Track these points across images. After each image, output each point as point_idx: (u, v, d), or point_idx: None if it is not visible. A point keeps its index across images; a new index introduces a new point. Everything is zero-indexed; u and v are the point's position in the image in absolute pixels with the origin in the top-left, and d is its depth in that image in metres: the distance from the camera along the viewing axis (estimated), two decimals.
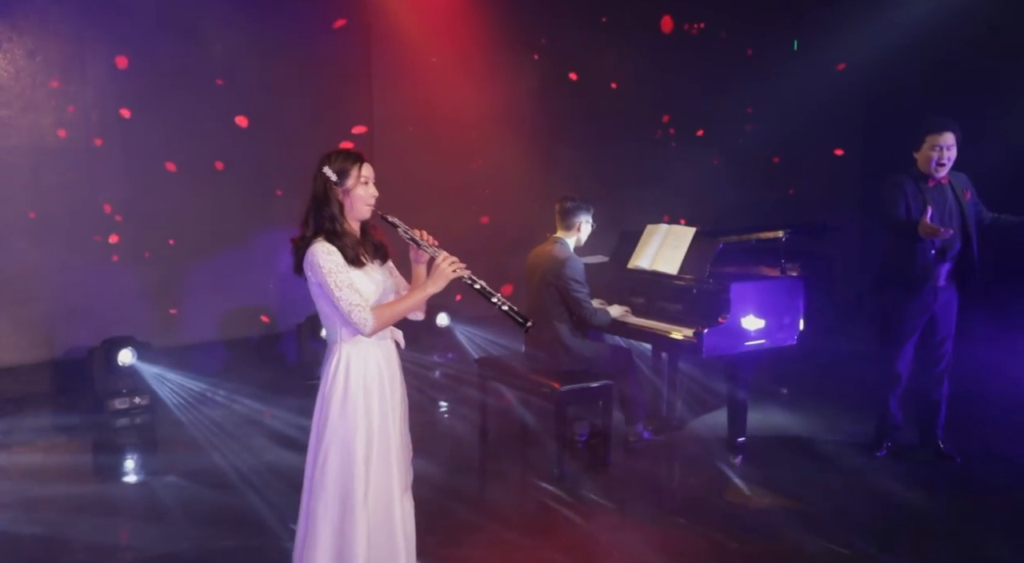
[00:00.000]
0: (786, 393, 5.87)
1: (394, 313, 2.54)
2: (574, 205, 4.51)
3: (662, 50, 7.93)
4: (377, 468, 2.53)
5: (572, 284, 4.35)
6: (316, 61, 6.89)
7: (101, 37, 5.94)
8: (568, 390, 4.23)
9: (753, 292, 4.33)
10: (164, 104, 6.18)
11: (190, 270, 6.34)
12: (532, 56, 7.78)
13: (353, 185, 2.54)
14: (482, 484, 4.45)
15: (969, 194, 4.29)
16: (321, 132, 6.86)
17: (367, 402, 2.52)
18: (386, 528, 2.54)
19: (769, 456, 4.60)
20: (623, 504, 4.00)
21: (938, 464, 4.47)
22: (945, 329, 4.37)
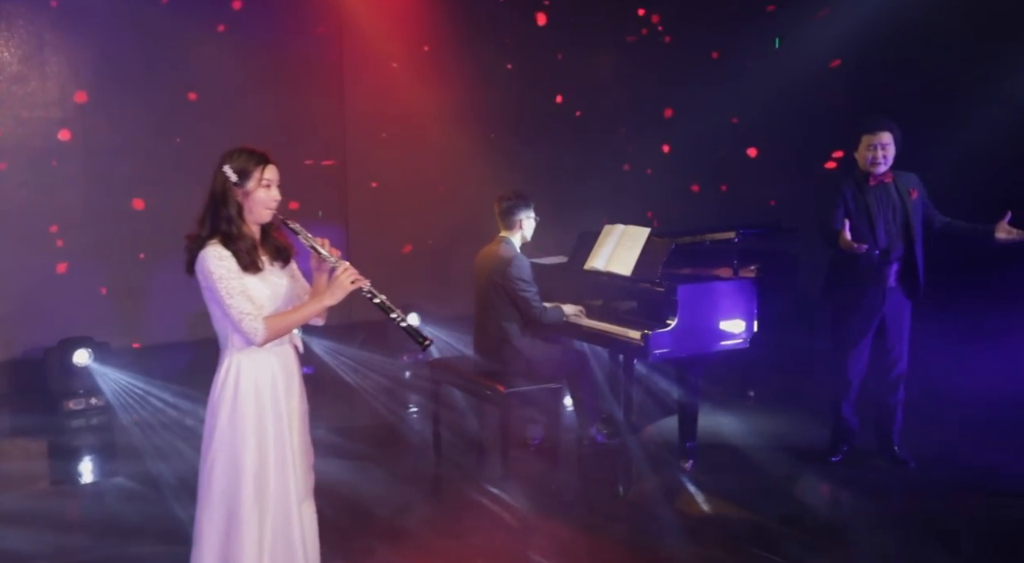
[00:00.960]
0: (753, 396, 5.80)
1: (287, 323, 2.46)
2: (510, 204, 4.45)
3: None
4: (275, 477, 2.46)
5: (519, 283, 4.29)
6: (288, 65, 6.89)
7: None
8: (512, 393, 4.17)
9: (701, 294, 4.25)
10: (126, 100, 6.17)
11: (154, 270, 6.31)
12: (502, 60, 7.76)
13: (254, 187, 2.45)
14: (422, 488, 4.34)
15: (916, 194, 4.22)
16: (293, 135, 6.88)
17: (259, 410, 2.45)
18: (285, 537, 2.48)
19: (721, 461, 4.53)
20: (560, 508, 3.92)
21: (892, 469, 4.39)
22: (896, 333, 4.29)
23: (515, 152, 7.71)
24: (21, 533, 3.65)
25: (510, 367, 4.34)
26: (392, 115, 7.37)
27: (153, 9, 6.18)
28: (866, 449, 4.58)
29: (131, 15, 6.13)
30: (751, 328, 4.37)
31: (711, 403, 5.61)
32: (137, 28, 6.17)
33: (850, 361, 4.37)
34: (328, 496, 3.95)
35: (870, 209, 4.19)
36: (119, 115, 6.14)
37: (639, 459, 4.58)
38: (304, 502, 2.58)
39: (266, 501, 2.45)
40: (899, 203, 4.20)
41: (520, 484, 4.17)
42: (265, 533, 2.44)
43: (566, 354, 4.54)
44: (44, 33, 5.88)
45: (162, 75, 6.31)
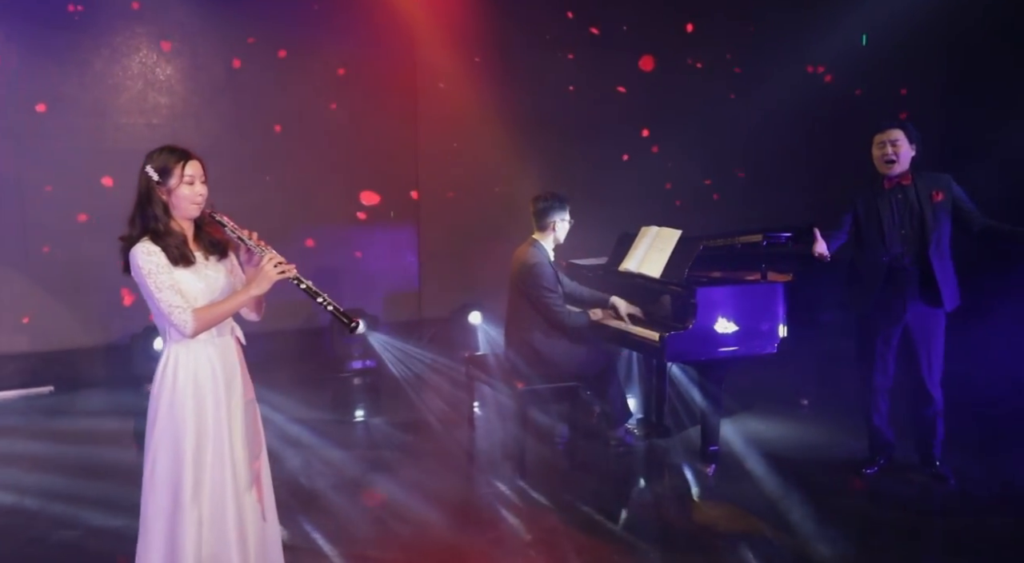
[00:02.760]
0: (806, 405, 5.65)
1: (215, 315, 2.50)
2: (546, 205, 4.52)
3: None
4: (212, 467, 2.51)
5: (541, 290, 4.36)
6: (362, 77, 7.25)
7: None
8: (528, 390, 4.26)
9: (722, 297, 4.19)
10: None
11: None
12: (567, 56, 7.81)
13: (176, 184, 2.50)
14: (440, 482, 4.33)
15: (940, 196, 4.01)
16: (364, 135, 7.25)
17: (198, 401, 2.50)
18: (219, 526, 2.51)
19: (749, 468, 4.44)
20: (566, 508, 3.95)
21: (930, 485, 4.18)
22: (923, 342, 4.09)
23: (583, 157, 7.76)
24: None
25: (534, 367, 4.42)
26: (460, 120, 7.56)
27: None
28: (908, 462, 4.39)
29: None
30: (777, 334, 4.27)
31: (760, 411, 5.55)
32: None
33: (874, 371, 4.21)
34: (343, 486, 4.26)
35: (881, 214, 4.05)
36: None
37: (663, 462, 4.56)
38: (247, 493, 2.61)
39: (202, 490, 2.49)
40: (917, 207, 4.02)
41: (536, 481, 4.25)
42: (203, 522, 2.49)
43: (592, 354, 4.56)
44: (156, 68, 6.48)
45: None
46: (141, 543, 2.51)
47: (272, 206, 6.93)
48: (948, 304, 4.03)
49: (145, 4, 6.39)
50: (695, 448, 4.59)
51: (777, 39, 7.76)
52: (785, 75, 7.53)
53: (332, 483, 4.25)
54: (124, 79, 6.41)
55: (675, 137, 7.94)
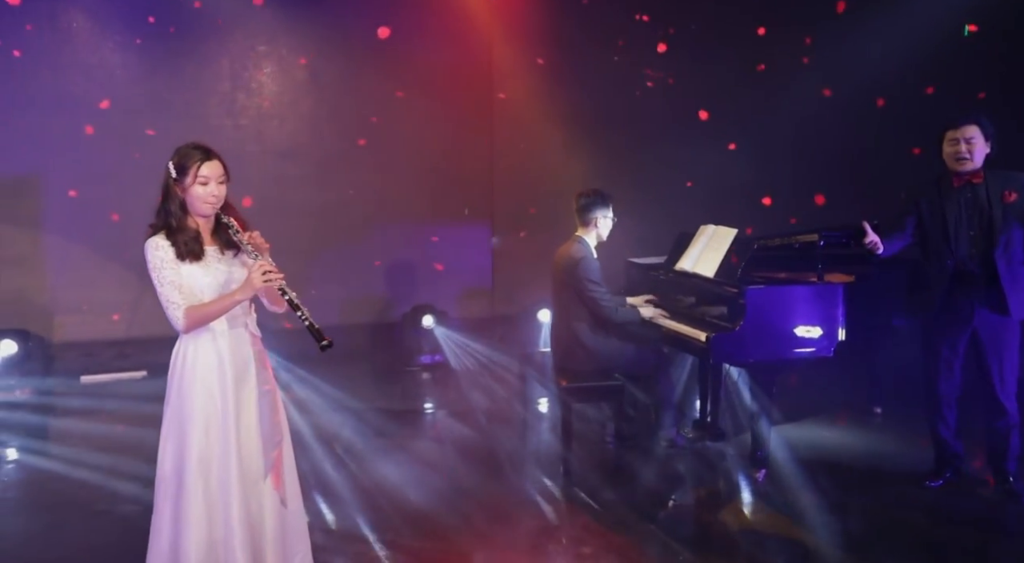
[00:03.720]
0: (880, 413, 5.38)
1: (204, 314, 2.56)
2: (588, 201, 4.49)
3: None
4: (218, 457, 2.57)
5: (586, 284, 4.34)
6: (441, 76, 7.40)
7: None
8: (572, 387, 4.24)
9: (773, 298, 4.05)
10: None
11: (314, 260, 7.08)
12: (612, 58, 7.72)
13: (190, 183, 2.58)
14: (481, 477, 4.34)
15: (1014, 196, 3.72)
16: (440, 134, 7.40)
17: (206, 393, 2.58)
18: (224, 514, 2.57)
19: (803, 476, 4.27)
20: (604, 507, 3.91)
21: (1000, 502, 3.91)
22: (993, 350, 3.83)
23: (655, 157, 7.64)
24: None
25: (581, 364, 4.40)
26: (534, 120, 7.59)
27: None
28: (980, 477, 4.13)
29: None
30: (834, 337, 4.09)
31: (829, 417, 5.35)
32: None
33: (939, 378, 3.98)
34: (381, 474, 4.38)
35: (946, 215, 3.81)
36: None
37: (712, 465, 4.44)
38: (260, 481, 2.67)
39: (208, 478, 2.56)
40: (986, 207, 3.76)
41: (579, 479, 4.23)
42: (207, 509, 2.56)
43: (642, 352, 4.50)
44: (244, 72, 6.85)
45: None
46: (153, 527, 2.64)
47: (350, 203, 7.18)
48: (1016, 312, 3.76)
49: (229, 13, 6.72)
50: (750, 453, 4.45)
51: (854, 36, 7.36)
52: (866, 72, 7.16)
53: (372, 470, 4.38)
54: (214, 82, 6.76)
55: (757, 138, 7.68)
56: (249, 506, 2.64)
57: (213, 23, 6.68)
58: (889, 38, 7.00)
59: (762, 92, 7.51)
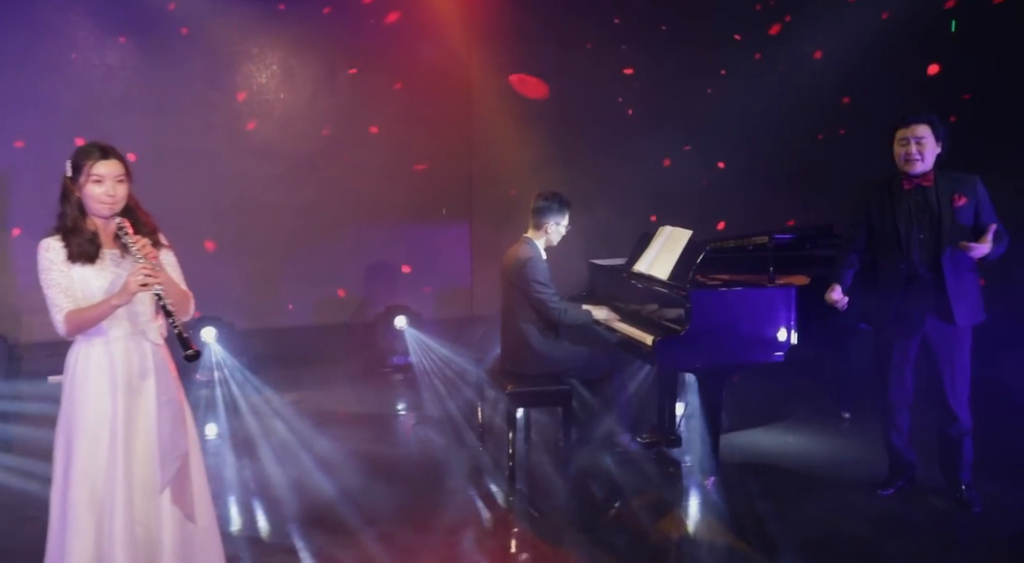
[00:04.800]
0: (848, 418, 5.28)
1: (84, 319, 2.48)
2: (544, 205, 4.41)
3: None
4: (105, 469, 2.50)
5: (534, 285, 4.27)
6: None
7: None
8: (517, 392, 4.18)
9: (721, 301, 3.97)
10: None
11: (289, 260, 7.06)
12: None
13: (84, 182, 2.51)
14: (426, 483, 4.27)
15: (963, 200, 3.61)
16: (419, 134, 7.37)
17: (96, 401, 2.52)
18: (108, 527, 2.50)
19: (755, 483, 4.18)
20: (544, 514, 3.85)
21: (951, 513, 3.81)
22: (943, 356, 3.73)
23: (635, 156, 7.56)
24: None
25: (529, 368, 4.33)
26: (515, 119, 7.52)
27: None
28: (934, 486, 4.02)
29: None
30: (785, 341, 4.00)
31: (796, 422, 5.28)
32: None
33: (890, 385, 3.88)
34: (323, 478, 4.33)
35: (897, 218, 3.70)
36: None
37: (663, 472, 4.36)
38: (156, 496, 2.59)
39: (95, 494, 2.49)
40: (936, 210, 3.65)
41: (524, 486, 4.17)
42: (92, 521, 2.50)
43: (595, 357, 4.43)
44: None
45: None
46: (48, 536, 2.58)
47: (326, 203, 7.15)
48: (961, 319, 3.65)
49: (204, 12, 6.70)
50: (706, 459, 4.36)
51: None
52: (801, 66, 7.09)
53: (311, 475, 4.34)
54: (188, 82, 6.75)
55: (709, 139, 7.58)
56: (145, 520, 2.56)
57: (187, 22, 6.66)
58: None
59: (731, 94, 7.45)
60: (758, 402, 5.61)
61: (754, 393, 5.67)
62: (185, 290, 2.77)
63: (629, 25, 7.60)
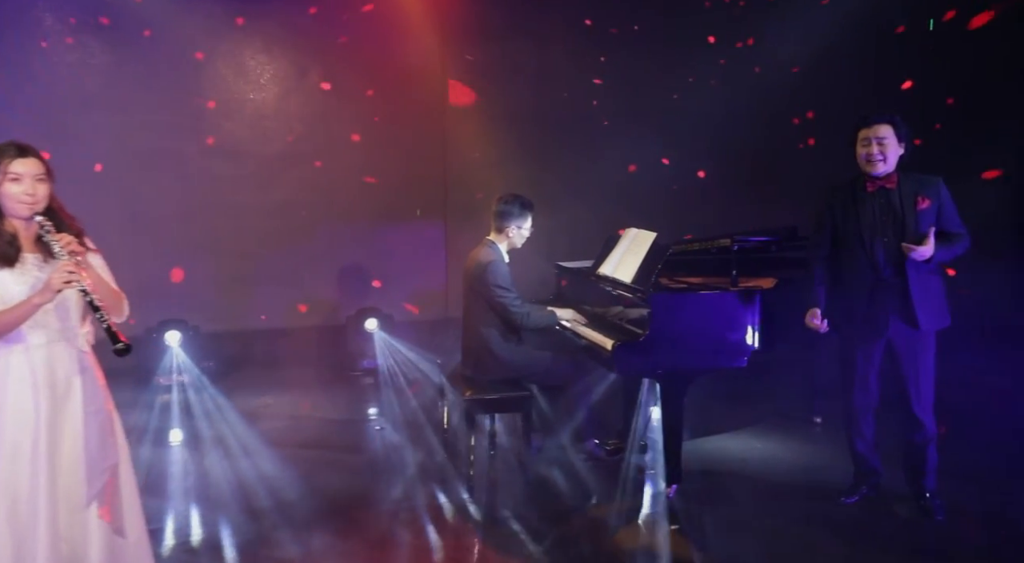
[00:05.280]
0: (820, 422, 5.21)
1: (3, 322, 2.38)
2: (505, 209, 4.32)
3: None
4: (28, 484, 2.40)
5: (494, 289, 4.18)
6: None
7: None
8: (476, 399, 4.09)
9: (681, 305, 3.87)
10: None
11: (260, 261, 6.96)
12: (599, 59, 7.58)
13: (0, 181, 2.43)
14: (380, 491, 4.18)
15: (927, 203, 3.54)
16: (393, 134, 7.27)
17: (16, 412, 2.41)
18: (30, 543, 2.39)
19: (718, 491, 4.12)
20: (498, 523, 3.76)
21: (915, 521, 3.73)
22: (907, 362, 3.66)
23: (607, 158, 7.49)
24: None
25: (491, 374, 4.24)
26: (489, 119, 7.44)
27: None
28: (899, 493, 3.94)
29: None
30: (748, 346, 3.91)
31: (766, 426, 5.21)
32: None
33: (854, 391, 3.81)
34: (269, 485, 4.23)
35: (861, 221, 3.63)
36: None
37: (626, 480, 4.26)
38: (83, 509, 2.49)
39: (17, 509, 2.39)
40: (899, 213, 3.58)
41: (481, 495, 4.08)
42: (19, 542, 2.39)
43: (558, 361, 4.34)
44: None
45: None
46: None
47: (298, 204, 7.08)
48: (925, 324, 3.58)
49: (169, 8, 6.60)
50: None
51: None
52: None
53: (258, 480, 4.25)
54: (152, 81, 6.65)
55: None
56: (70, 536, 2.45)
57: (151, 22, 6.55)
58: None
59: (703, 97, 7.42)
60: (727, 406, 5.55)
61: (723, 396, 5.61)
62: (116, 289, 2.68)
63: (601, 26, 7.54)
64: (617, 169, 7.39)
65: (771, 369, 5.57)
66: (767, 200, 6.94)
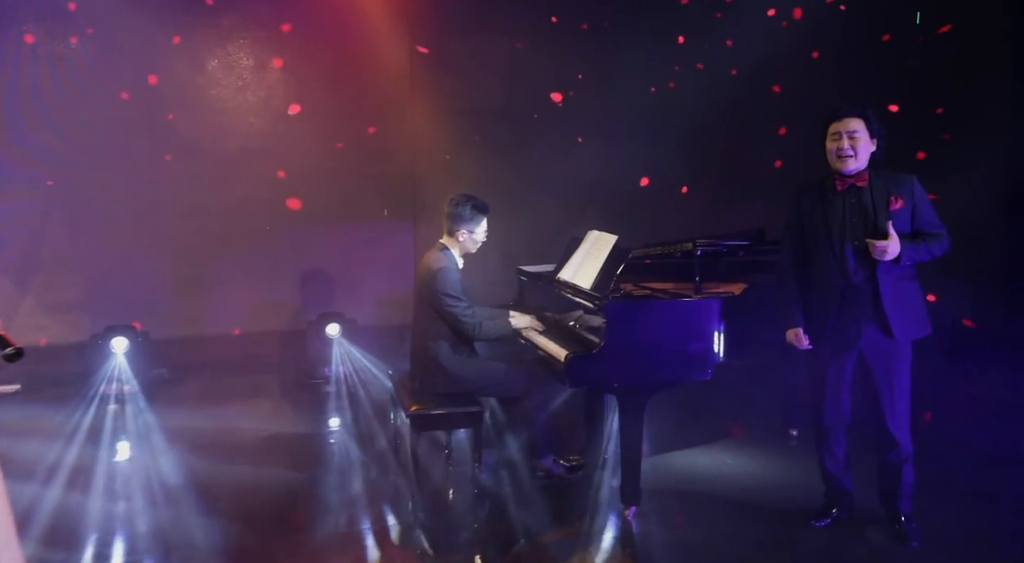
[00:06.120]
0: (796, 436, 4.94)
1: None
2: (456, 211, 4.04)
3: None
4: None
5: (443, 298, 3.90)
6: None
7: None
8: (421, 415, 3.81)
9: (638, 314, 3.60)
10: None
11: (218, 264, 6.68)
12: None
13: None
14: (316, 510, 3.90)
15: (900, 203, 3.27)
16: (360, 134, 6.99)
17: None
18: None
19: (682, 511, 3.85)
20: (438, 552, 3.47)
21: (890, 547, 3.46)
22: (883, 374, 3.39)
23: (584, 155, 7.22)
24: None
25: (439, 387, 3.97)
26: (458, 117, 7.16)
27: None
28: (872, 516, 3.67)
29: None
30: (711, 357, 3.64)
31: (739, 440, 4.93)
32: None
33: (824, 407, 3.54)
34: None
35: (830, 223, 3.36)
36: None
37: (586, 500, 3.99)
38: None
39: None
40: (871, 213, 3.31)
41: (429, 515, 3.81)
42: None
43: (512, 373, 4.06)
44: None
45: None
46: None
47: (259, 203, 6.80)
48: (900, 334, 3.31)
49: None
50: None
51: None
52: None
53: (195, 497, 3.96)
54: (103, 75, 6.36)
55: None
56: None
57: (104, 13, 6.27)
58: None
59: (674, 96, 7.20)
60: (700, 417, 5.29)
61: (694, 407, 5.34)
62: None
63: (570, 23, 7.28)
64: (588, 168, 7.11)
65: (745, 378, 5.34)
66: (739, 200, 6.73)
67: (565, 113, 7.32)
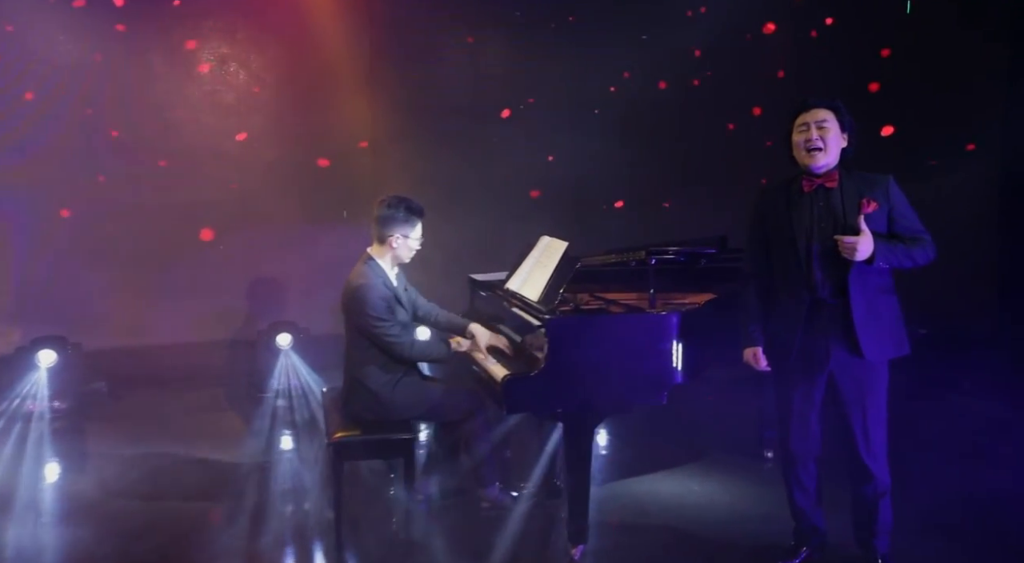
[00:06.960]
0: (771, 458, 4.54)
1: None
2: (385, 214, 3.64)
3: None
4: None
5: (368, 319, 3.49)
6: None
7: None
8: (344, 441, 3.41)
9: (583, 331, 3.20)
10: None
11: (160, 269, 6.29)
12: None
13: None
14: (237, 542, 3.55)
15: (873, 206, 2.88)
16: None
17: None
18: None
19: (636, 548, 3.46)
20: None
21: None
22: (854, 401, 3.00)
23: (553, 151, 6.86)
24: None
25: (366, 412, 3.56)
26: (416, 112, 6.80)
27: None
28: (848, 555, 3.28)
29: None
30: (666, 379, 3.24)
31: (708, 463, 4.53)
32: None
33: (791, 435, 3.15)
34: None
35: (795, 228, 2.98)
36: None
37: (531, 534, 3.60)
38: None
39: None
40: (841, 218, 2.92)
41: (356, 551, 3.42)
42: None
43: (452, 395, 3.67)
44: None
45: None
46: None
47: (209, 205, 6.43)
48: (870, 353, 2.92)
49: None
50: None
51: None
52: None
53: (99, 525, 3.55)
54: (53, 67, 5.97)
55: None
56: None
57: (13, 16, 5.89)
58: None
59: (637, 93, 6.83)
60: (668, 437, 4.89)
61: (666, 426, 4.96)
62: None
63: (535, 19, 6.93)
64: (554, 166, 6.75)
65: (718, 394, 4.96)
66: (704, 201, 6.39)
67: (527, 112, 6.96)
